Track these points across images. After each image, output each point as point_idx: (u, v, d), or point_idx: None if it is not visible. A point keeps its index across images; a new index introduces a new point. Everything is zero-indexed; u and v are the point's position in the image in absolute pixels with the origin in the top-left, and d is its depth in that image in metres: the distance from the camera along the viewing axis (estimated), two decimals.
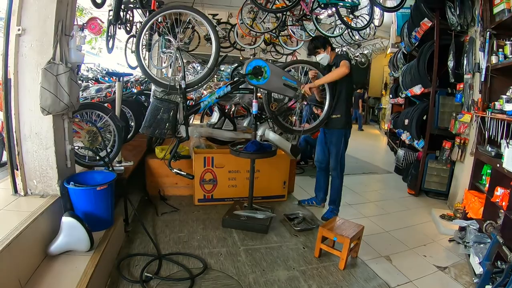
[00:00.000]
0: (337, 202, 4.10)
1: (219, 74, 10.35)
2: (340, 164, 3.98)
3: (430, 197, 5.08)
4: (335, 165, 3.99)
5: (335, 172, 4.02)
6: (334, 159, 3.97)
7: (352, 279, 2.84)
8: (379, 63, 13.72)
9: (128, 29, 5.90)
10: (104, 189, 2.67)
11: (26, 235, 2.09)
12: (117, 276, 2.62)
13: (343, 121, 3.90)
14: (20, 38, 2.44)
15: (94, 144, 3.30)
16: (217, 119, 4.70)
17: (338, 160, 3.96)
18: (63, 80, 2.46)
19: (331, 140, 3.98)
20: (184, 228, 3.55)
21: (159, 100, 3.36)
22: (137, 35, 3.67)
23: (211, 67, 3.58)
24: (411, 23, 5.67)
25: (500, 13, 3.39)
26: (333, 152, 3.98)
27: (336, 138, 3.93)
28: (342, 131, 3.91)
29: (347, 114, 3.92)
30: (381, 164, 7.29)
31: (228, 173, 4.23)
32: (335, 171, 4.01)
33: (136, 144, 4.86)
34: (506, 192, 2.68)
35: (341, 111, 3.88)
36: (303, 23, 6.33)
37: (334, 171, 4.03)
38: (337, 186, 4.07)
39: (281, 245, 3.35)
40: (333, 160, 4.00)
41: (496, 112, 3.19)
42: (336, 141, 3.93)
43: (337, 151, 3.93)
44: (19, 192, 2.63)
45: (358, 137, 10.59)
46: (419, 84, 5.23)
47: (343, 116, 3.88)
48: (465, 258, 3.23)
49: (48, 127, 2.55)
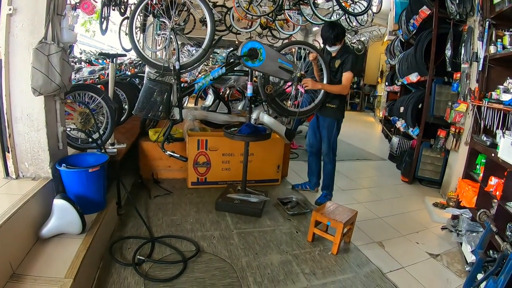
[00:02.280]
0: (330, 187, 4.12)
1: (214, 57, 10.23)
2: (332, 149, 3.98)
3: (423, 185, 5.12)
4: (328, 150, 3.99)
5: (328, 157, 4.03)
6: (326, 144, 3.98)
7: (344, 264, 2.87)
8: (375, 51, 13.65)
9: (122, 11, 5.78)
10: (96, 171, 2.64)
11: (17, 218, 2.06)
12: (110, 259, 2.61)
13: (337, 111, 3.90)
14: (11, 18, 2.36)
15: (87, 126, 3.24)
16: (211, 102, 4.67)
17: (330, 145, 3.96)
18: (55, 60, 2.39)
19: (324, 126, 3.97)
20: (177, 211, 3.54)
21: (152, 82, 3.30)
22: (131, 15, 3.59)
23: (206, 48, 3.51)
24: (409, 10, 5.63)
25: (500, 3, 3.35)
26: (325, 137, 3.98)
27: (328, 124, 3.92)
28: (335, 120, 3.91)
29: (341, 104, 3.92)
30: (375, 151, 7.31)
31: (222, 156, 4.21)
32: (328, 156, 4.02)
33: (129, 126, 4.80)
34: (500, 181, 2.70)
35: (336, 101, 3.87)
36: (300, 8, 6.24)
37: (326, 156, 4.04)
38: (329, 171, 4.08)
39: (274, 229, 3.36)
40: (325, 145, 4.00)
41: (493, 101, 3.18)
42: (328, 127, 3.93)
43: (329, 136, 3.94)
44: (10, 175, 2.58)
45: (353, 124, 10.60)
46: (415, 72, 5.20)
47: (338, 107, 3.88)
48: (457, 246, 3.27)
49: (40, 109, 2.50)
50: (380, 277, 2.74)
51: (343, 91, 3.77)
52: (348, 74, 3.68)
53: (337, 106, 3.87)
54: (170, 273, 2.51)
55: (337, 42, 3.71)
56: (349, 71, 3.68)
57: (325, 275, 2.70)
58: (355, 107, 15.22)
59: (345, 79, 3.70)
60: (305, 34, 14.44)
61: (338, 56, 3.78)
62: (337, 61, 3.78)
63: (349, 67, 3.68)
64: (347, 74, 3.69)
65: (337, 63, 3.77)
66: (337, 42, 3.70)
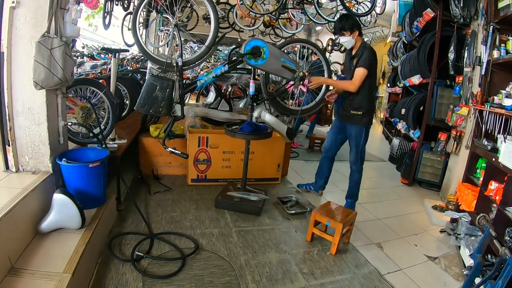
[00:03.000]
0: (356, 196, 3.93)
1: (216, 55, 10.21)
2: (360, 158, 3.79)
3: (423, 187, 5.12)
4: (355, 159, 3.79)
5: (355, 166, 3.84)
6: (354, 153, 3.78)
7: (343, 265, 2.87)
8: (378, 52, 13.38)
9: (126, 5, 5.77)
10: (96, 166, 2.63)
11: (17, 211, 2.05)
12: (108, 254, 2.61)
13: (364, 118, 3.67)
14: (14, 11, 2.35)
15: (88, 121, 3.24)
16: (213, 99, 4.66)
17: (358, 154, 3.77)
18: (57, 54, 2.39)
19: (351, 134, 3.78)
20: (177, 208, 3.54)
21: (155, 77, 3.30)
22: (134, 10, 3.59)
23: (209, 45, 3.51)
24: (413, 12, 5.63)
25: (504, 8, 3.36)
26: (353, 146, 3.79)
27: (356, 133, 3.73)
28: (363, 128, 3.71)
29: (368, 110, 3.68)
30: (375, 152, 7.30)
31: (223, 154, 4.21)
32: (355, 165, 3.83)
33: (130, 122, 4.80)
34: (500, 186, 2.69)
35: (362, 109, 3.64)
36: (304, 7, 6.21)
37: (354, 165, 3.84)
38: (356, 180, 3.88)
39: (273, 228, 3.36)
40: (352, 154, 3.80)
41: (495, 106, 3.18)
42: (356, 136, 3.73)
43: (357, 145, 3.74)
44: (10, 168, 2.58)
45: None
46: (418, 74, 5.21)
47: (364, 113, 3.65)
48: (455, 249, 3.27)
49: (41, 102, 2.49)
50: (378, 279, 2.74)
51: (349, 87, 3.55)
52: (359, 70, 3.47)
53: (362, 113, 3.64)
54: (168, 269, 2.51)
55: (345, 32, 3.55)
56: (362, 67, 3.46)
57: (323, 275, 2.70)
58: None
59: (356, 75, 3.49)
60: (308, 33, 14.43)
61: (356, 55, 3.61)
62: (354, 60, 3.60)
63: (362, 63, 3.47)
64: (359, 70, 3.47)
65: (355, 61, 3.59)
66: (345, 32, 3.55)
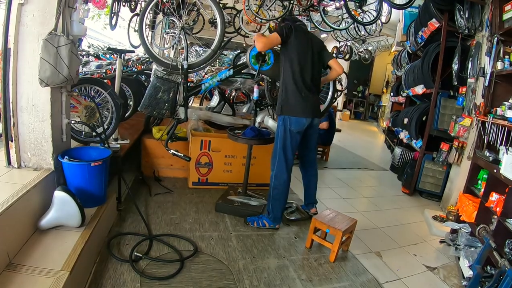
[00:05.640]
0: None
1: (221, 59, 10.26)
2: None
3: (423, 197, 5.11)
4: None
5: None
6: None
7: (341, 272, 2.85)
8: (382, 61, 13.69)
9: (133, 7, 5.81)
10: (98, 165, 2.64)
11: (17, 207, 2.06)
12: (107, 254, 2.61)
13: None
14: (23, 8, 2.37)
15: (91, 120, 3.25)
16: (216, 103, 4.66)
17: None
18: (63, 53, 2.40)
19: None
20: (177, 210, 3.54)
21: (159, 79, 3.32)
22: (141, 12, 3.61)
23: (215, 49, 3.52)
24: (418, 22, 5.64)
25: (509, 19, 3.40)
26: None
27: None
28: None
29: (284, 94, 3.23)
30: (377, 161, 7.30)
31: (224, 158, 4.22)
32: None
33: (133, 123, 4.82)
34: (501, 198, 2.69)
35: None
36: (310, 14, 6.25)
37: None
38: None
39: (272, 233, 3.35)
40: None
41: (497, 117, 3.18)
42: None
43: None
44: (12, 164, 2.59)
45: (356, 133, 10.59)
46: (421, 84, 5.21)
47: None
48: (454, 260, 3.26)
49: (46, 100, 2.50)
50: (376, 287, 2.72)
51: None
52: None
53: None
54: (166, 271, 2.50)
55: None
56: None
57: (321, 282, 2.69)
58: (359, 116, 15.27)
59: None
60: None
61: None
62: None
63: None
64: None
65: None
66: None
